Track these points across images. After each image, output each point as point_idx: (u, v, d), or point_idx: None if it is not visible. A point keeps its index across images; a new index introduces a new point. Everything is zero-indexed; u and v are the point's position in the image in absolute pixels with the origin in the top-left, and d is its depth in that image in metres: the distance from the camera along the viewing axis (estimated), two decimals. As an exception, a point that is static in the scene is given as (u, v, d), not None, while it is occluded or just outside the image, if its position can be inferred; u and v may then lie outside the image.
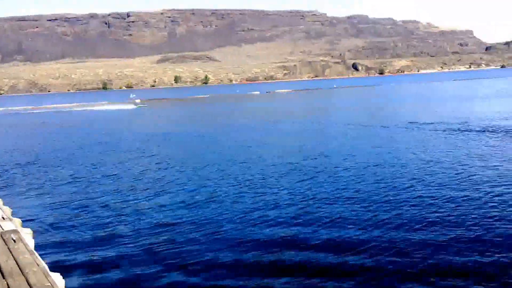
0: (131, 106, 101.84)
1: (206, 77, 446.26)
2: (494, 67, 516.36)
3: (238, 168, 24.76)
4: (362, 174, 21.78)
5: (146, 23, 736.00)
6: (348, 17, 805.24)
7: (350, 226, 14.59)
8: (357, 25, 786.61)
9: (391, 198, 17.55)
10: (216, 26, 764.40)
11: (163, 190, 20.64)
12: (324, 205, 16.97)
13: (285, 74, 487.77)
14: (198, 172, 24.34)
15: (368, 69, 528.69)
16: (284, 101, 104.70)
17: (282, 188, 19.87)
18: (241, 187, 20.40)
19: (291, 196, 18.50)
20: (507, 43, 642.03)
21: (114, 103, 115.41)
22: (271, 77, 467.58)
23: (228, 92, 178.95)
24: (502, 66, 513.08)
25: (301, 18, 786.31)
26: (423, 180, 19.98)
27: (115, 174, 24.97)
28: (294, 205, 17.25)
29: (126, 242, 14.26)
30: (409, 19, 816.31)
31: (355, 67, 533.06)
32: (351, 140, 33.76)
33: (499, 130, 33.74)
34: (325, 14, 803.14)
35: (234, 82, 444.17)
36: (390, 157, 25.76)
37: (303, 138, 36.58)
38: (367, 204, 16.82)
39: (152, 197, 19.52)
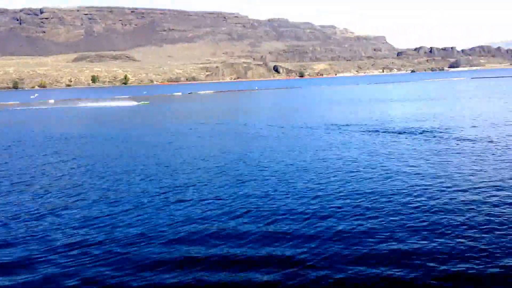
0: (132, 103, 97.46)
1: (125, 77, 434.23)
2: (405, 72, 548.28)
3: (162, 173, 23.63)
4: (289, 175, 21.56)
5: (61, 20, 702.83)
6: (269, 20, 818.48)
7: (282, 223, 14.20)
8: (277, 28, 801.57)
9: (320, 195, 17.67)
10: (136, 25, 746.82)
11: (81, 199, 19.11)
12: (253, 209, 16.44)
13: (207, 75, 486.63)
14: (119, 178, 22.93)
15: (288, 71, 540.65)
16: (207, 103, 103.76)
17: (209, 193, 19.08)
18: (166, 193, 19.35)
19: (220, 201, 17.76)
20: (416, 49, 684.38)
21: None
22: (193, 78, 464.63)
23: (149, 93, 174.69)
24: (412, 71, 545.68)
25: (224, 20, 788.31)
26: (350, 180, 20.09)
27: (25, 181, 22.93)
28: (223, 212, 16.52)
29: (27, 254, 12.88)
30: (327, 24, 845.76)
31: (276, 69, 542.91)
32: (276, 141, 33.64)
33: (417, 132, 35.13)
34: (247, 16, 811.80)
35: (155, 82, 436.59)
36: (315, 158, 25.82)
37: (228, 140, 36.02)
38: (296, 205, 16.51)
39: (68, 206, 17.96)
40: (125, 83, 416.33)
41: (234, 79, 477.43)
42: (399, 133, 35.21)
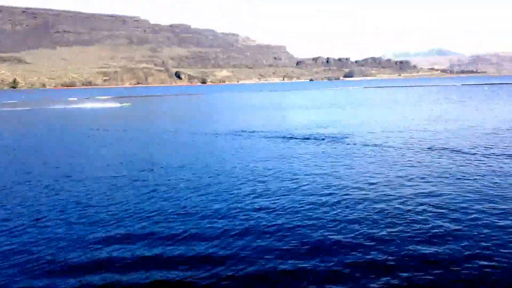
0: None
1: (14, 80, 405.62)
2: (304, 80, 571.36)
3: (63, 183, 21.66)
4: (197, 181, 20.91)
5: None
6: (171, 25, 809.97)
7: (200, 241, 13.43)
8: (179, 34, 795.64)
9: (229, 199, 17.39)
10: (27, 26, 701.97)
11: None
12: (165, 221, 15.47)
13: (105, 80, 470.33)
14: (16, 189, 20.67)
15: (191, 78, 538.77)
16: (106, 109, 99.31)
17: (118, 204, 17.72)
18: (67, 205, 17.68)
19: (129, 213, 16.52)
20: (314, 59, 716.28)
21: None
22: (90, 83, 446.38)
23: (29, 98, 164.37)
24: (311, 80, 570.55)
25: (123, 23, 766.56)
26: (259, 183, 19.81)
27: None
28: (132, 223, 15.37)
29: None
30: (228, 32, 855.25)
31: (178, 75, 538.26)
32: (185, 148, 32.64)
33: (321, 138, 35.98)
34: (148, 21, 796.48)
35: (48, 86, 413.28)
36: (224, 164, 25.25)
37: (134, 147, 34.26)
38: (211, 218, 15.77)
39: None
40: (14, 87, 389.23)
41: (134, 84, 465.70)
42: (305, 139, 35.84)
